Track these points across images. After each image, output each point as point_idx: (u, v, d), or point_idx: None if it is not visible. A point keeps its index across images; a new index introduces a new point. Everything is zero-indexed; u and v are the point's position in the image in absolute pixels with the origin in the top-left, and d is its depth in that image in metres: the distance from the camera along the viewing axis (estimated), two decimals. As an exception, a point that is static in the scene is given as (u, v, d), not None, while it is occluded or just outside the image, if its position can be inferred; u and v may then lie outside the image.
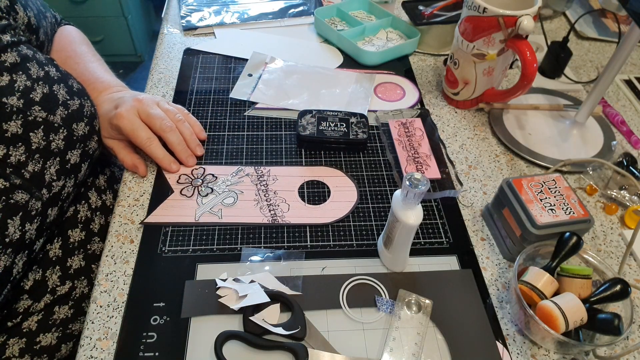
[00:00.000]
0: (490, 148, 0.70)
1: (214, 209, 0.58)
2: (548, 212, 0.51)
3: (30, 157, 0.50)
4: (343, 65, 0.82)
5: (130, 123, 0.58)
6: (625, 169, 0.64)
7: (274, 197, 0.60)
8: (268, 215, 0.58)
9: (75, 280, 0.57)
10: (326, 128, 0.66)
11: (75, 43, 0.69)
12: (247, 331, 0.46)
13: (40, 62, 0.54)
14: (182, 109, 0.65)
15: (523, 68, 0.63)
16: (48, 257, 0.55)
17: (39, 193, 0.51)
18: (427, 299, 0.50)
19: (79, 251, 0.58)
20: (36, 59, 0.54)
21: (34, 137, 0.51)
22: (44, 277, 0.54)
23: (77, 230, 0.58)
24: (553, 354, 0.48)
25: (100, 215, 0.62)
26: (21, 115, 0.50)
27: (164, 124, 0.60)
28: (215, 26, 0.88)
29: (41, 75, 0.53)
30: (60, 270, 0.55)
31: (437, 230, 0.58)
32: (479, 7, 0.63)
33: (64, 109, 0.54)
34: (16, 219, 0.48)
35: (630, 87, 0.83)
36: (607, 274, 0.50)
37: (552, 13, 0.99)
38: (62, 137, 0.54)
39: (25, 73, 0.51)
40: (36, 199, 0.50)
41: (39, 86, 0.52)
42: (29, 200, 0.49)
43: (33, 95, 0.51)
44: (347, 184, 0.62)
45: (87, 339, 0.46)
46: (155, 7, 2.40)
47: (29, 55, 0.53)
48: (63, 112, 0.54)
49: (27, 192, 0.49)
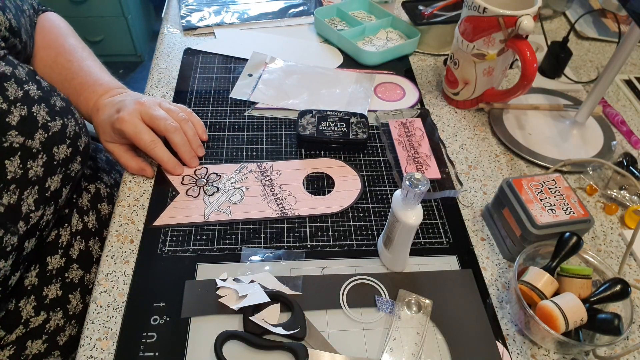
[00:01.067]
0: (490, 148, 0.70)
1: (222, 207, 0.58)
2: (548, 212, 0.51)
3: (5, 189, 0.46)
4: (343, 65, 0.82)
5: (134, 126, 0.57)
6: (625, 169, 0.64)
7: (280, 191, 0.60)
8: (277, 209, 0.58)
9: (50, 311, 0.54)
10: (326, 128, 0.66)
11: (62, 36, 0.66)
12: (247, 331, 0.46)
13: (20, 80, 0.50)
14: (185, 108, 0.65)
15: (523, 68, 0.63)
16: (23, 286, 0.52)
17: (14, 228, 0.47)
18: (427, 299, 0.50)
19: (56, 279, 0.55)
20: (15, 77, 0.50)
21: (10, 165, 0.47)
22: (17, 307, 0.51)
23: (56, 257, 0.55)
24: (553, 354, 0.48)
25: (81, 240, 0.59)
26: None
27: (168, 124, 0.59)
28: (215, 26, 0.88)
29: (19, 96, 0.49)
30: (35, 300, 0.52)
31: (437, 230, 0.58)
32: (479, 7, 0.63)
33: (43, 132, 0.50)
34: None
35: (630, 87, 0.83)
36: (607, 274, 0.50)
37: (552, 13, 0.99)
38: (40, 164, 0.50)
39: (2, 94, 0.47)
40: (11, 234, 0.46)
41: (16, 109, 0.48)
42: (3, 237, 0.45)
43: (9, 119, 0.47)
44: (350, 173, 0.63)
45: (87, 339, 0.46)
46: (155, 7, 2.40)
47: (6, 74, 0.49)
48: (42, 135, 0.50)
49: (1, 227, 0.45)
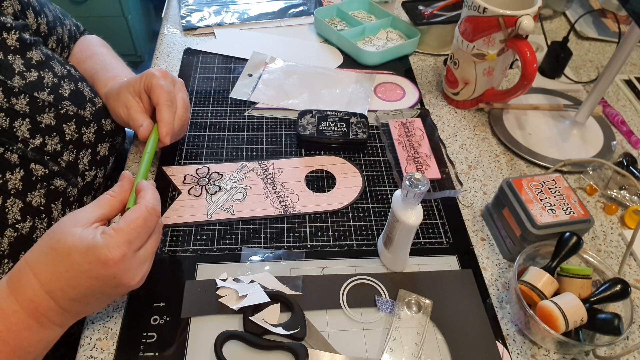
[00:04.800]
0: (490, 148, 0.70)
1: (225, 206, 0.58)
2: (548, 212, 0.51)
3: (65, 148, 0.53)
4: (343, 65, 0.82)
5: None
6: (625, 169, 0.64)
7: (282, 189, 0.60)
8: (279, 207, 0.58)
9: None
10: (326, 128, 0.66)
11: (96, 46, 0.70)
12: (247, 331, 0.46)
13: (61, 62, 0.56)
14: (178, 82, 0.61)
15: (523, 68, 0.63)
16: None
17: (75, 180, 0.54)
18: (427, 299, 0.50)
19: None
20: (56, 58, 0.56)
21: (67, 129, 0.53)
22: None
23: None
24: (553, 354, 0.48)
25: None
26: (53, 108, 0.52)
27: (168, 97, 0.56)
28: (215, 26, 0.88)
29: (65, 73, 0.55)
30: None
31: (437, 230, 0.58)
32: (479, 7, 0.63)
33: (91, 105, 0.57)
34: (58, 204, 0.51)
35: (630, 87, 0.83)
36: (607, 274, 0.50)
37: (552, 13, 0.99)
38: (92, 131, 0.56)
39: (51, 71, 0.53)
40: (72, 186, 0.53)
41: (65, 83, 0.54)
42: (67, 187, 0.52)
43: (62, 91, 0.54)
44: (351, 170, 0.64)
45: (87, 339, 0.46)
46: (155, 7, 2.40)
47: (49, 54, 0.55)
48: (91, 108, 0.57)
49: (64, 179, 0.52)
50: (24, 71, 0.50)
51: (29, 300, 0.38)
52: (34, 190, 0.48)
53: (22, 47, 0.52)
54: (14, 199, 0.46)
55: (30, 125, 0.50)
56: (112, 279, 0.39)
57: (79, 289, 0.39)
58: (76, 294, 0.39)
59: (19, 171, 0.47)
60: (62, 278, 0.38)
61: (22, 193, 0.47)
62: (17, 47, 0.51)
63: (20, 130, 0.49)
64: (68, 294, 0.39)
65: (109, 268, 0.38)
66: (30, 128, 0.49)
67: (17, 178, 0.47)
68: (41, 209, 0.49)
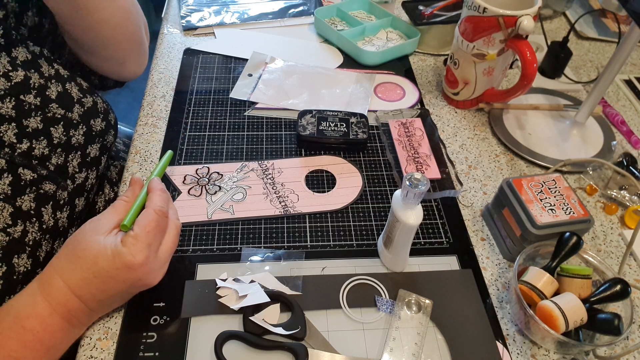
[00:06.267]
0: (490, 148, 0.70)
1: (225, 206, 0.58)
2: (548, 212, 0.51)
3: (53, 151, 0.52)
4: (343, 65, 0.82)
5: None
6: (625, 169, 0.64)
7: (282, 189, 0.60)
8: (279, 207, 0.58)
9: None
10: (326, 128, 0.66)
11: None
12: (247, 331, 0.46)
13: (49, 59, 0.55)
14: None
15: (523, 68, 0.63)
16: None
17: (64, 183, 0.53)
18: (427, 299, 0.50)
19: None
20: (44, 56, 0.54)
21: (55, 132, 0.52)
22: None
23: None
24: (553, 354, 0.48)
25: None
26: (40, 112, 0.51)
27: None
28: (215, 26, 0.88)
29: (52, 73, 0.54)
30: None
31: (437, 230, 0.58)
32: (479, 7, 0.63)
33: (80, 107, 0.56)
34: (48, 207, 0.50)
35: (630, 87, 0.83)
36: (607, 274, 0.50)
37: (552, 13, 0.99)
38: (81, 133, 0.55)
39: (37, 71, 0.52)
40: (62, 190, 0.52)
41: (52, 84, 0.53)
42: (56, 191, 0.51)
43: (49, 93, 0.52)
44: (351, 170, 0.64)
45: (87, 339, 0.46)
46: (155, 7, 2.40)
47: (36, 52, 0.53)
48: (79, 109, 0.55)
49: (53, 182, 0.51)
50: (9, 71, 0.49)
51: (62, 304, 0.42)
52: (23, 194, 0.48)
53: (7, 45, 0.50)
54: (4, 203, 0.46)
55: (17, 129, 0.48)
56: (138, 281, 0.43)
57: (107, 292, 0.43)
58: (104, 296, 0.43)
59: (7, 176, 0.47)
60: (91, 283, 0.42)
61: (12, 198, 0.47)
62: (2, 44, 0.49)
63: (7, 135, 0.48)
64: (97, 297, 0.43)
65: (134, 272, 0.42)
66: (17, 132, 0.48)
67: (6, 183, 0.46)
68: (31, 213, 0.48)
